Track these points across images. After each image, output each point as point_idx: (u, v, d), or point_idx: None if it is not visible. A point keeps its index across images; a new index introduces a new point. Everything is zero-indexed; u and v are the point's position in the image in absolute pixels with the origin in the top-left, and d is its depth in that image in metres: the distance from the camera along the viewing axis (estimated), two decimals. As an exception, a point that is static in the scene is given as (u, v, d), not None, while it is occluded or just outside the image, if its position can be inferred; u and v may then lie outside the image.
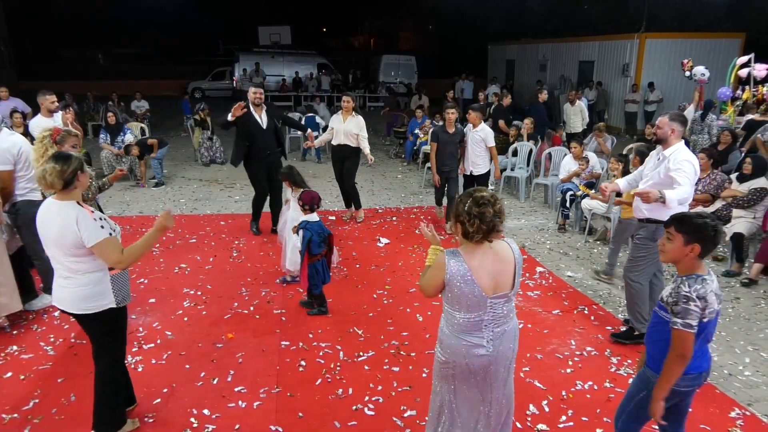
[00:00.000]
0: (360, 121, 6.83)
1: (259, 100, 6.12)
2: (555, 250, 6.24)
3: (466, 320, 2.37)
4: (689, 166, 3.72)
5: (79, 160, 2.72)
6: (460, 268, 2.30)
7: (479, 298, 2.32)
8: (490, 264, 2.33)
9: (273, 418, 3.26)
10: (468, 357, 2.38)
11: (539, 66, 19.45)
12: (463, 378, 2.44)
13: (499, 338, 2.41)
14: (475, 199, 2.29)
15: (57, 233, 2.64)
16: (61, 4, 31.42)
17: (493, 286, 2.33)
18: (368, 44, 44.26)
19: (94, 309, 2.78)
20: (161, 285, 5.12)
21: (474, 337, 2.38)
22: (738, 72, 8.64)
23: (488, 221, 2.26)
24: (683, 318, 2.24)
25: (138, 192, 8.59)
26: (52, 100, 5.77)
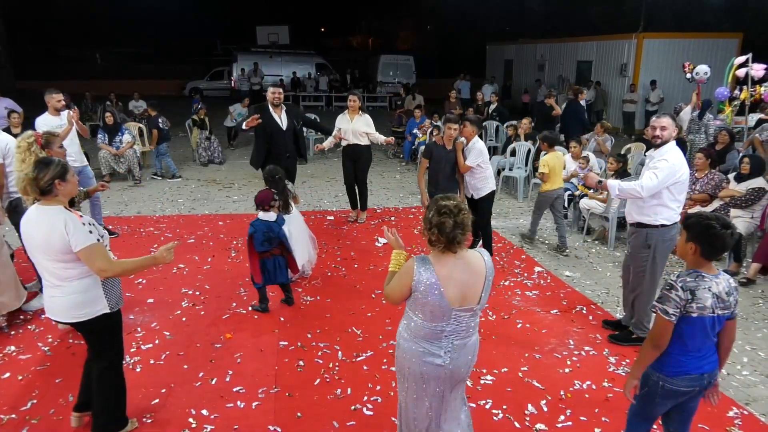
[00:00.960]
0: (368, 119, 6.79)
1: (278, 101, 5.94)
2: (553, 250, 6.24)
3: (426, 327, 2.32)
4: (664, 164, 3.65)
5: (60, 168, 2.66)
6: (429, 277, 2.24)
7: (444, 309, 2.26)
8: (459, 275, 2.27)
9: (272, 418, 3.25)
10: (423, 365, 2.35)
11: (537, 66, 19.48)
12: (415, 382, 2.42)
13: (457, 351, 2.35)
14: (437, 208, 2.24)
15: (44, 239, 2.59)
16: (59, 4, 31.36)
17: (459, 297, 2.27)
18: (367, 44, 44.25)
19: (88, 316, 2.74)
20: (159, 285, 5.12)
21: (432, 345, 2.33)
22: (736, 72, 8.64)
23: (448, 233, 2.20)
24: (662, 303, 2.32)
25: (136, 192, 8.57)
26: (58, 98, 5.77)
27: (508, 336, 4.26)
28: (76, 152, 5.93)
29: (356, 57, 32.06)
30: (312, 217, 7.36)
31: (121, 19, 33.69)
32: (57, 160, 2.73)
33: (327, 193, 8.68)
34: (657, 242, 3.86)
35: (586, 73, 16.73)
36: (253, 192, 8.39)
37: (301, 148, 6.32)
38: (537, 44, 19.75)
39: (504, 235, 6.75)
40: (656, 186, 3.67)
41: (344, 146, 6.86)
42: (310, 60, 24.23)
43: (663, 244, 3.89)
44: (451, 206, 2.23)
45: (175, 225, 6.89)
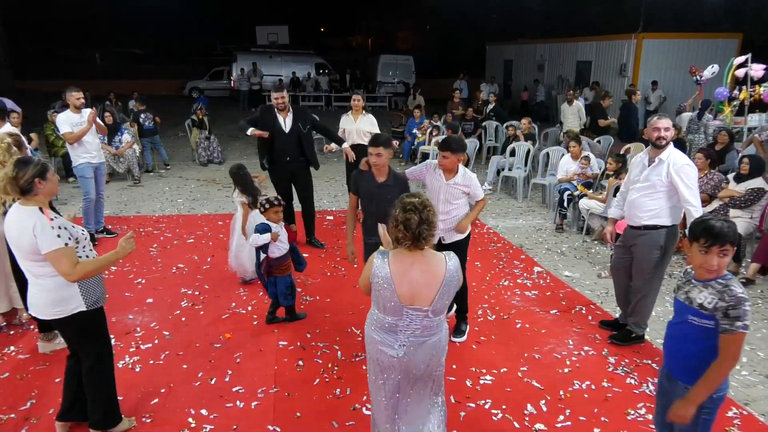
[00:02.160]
0: (372, 119, 6.74)
1: (282, 105, 5.72)
2: (553, 250, 6.25)
3: (382, 319, 2.40)
4: (693, 171, 3.71)
5: (40, 167, 2.67)
6: (383, 270, 2.30)
7: (395, 304, 2.31)
8: (415, 274, 2.29)
9: (271, 418, 3.25)
10: (378, 352, 2.43)
11: (537, 66, 19.49)
12: (374, 368, 2.50)
13: (413, 347, 2.37)
14: (402, 205, 2.28)
15: (16, 238, 2.64)
16: (59, 4, 31.33)
17: (410, 296, 2.29)
18: (366, 44, 44.25)
19: (63, 314, 2.74)
20: (159, 285, 5.11)
21: (388, 336, 2.40)
22: (735, 72, 8.65)
23: (413, 228, 2.23)
24: (743, 320, 2.13)
25: (135, 192, 8.57)
26: (78, 96, 5.84)
27: (507, 336, 4.26)
28: (96, 149, 6.05)
29: (356, 57, 32.04)
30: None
31: (121, 19, 33.64)
32: (36, 159, 2.75)
33: (327, 193, 8.68)
34: (668, 241, 3.88)
35: (585, 74, 16.73)
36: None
37: (308, 152, 5.95)
38: (537, 44, 19.76)
39: (504, 235, 6.75)
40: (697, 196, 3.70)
41: (347, 146, 6.81)
42: (309, 60, 24.22)
43: (672, 242, 3.93)
44: (416, 203, 2.28)
45: (174, 225, 6.88)
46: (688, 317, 2.27)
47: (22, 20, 28.49)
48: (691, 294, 2.28)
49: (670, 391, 2.35)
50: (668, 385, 2.39)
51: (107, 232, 6.37)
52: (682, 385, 2.29)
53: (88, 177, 5.97)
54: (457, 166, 3.80)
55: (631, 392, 3.55)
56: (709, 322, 2.18)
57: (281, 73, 22.76)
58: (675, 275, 5.52)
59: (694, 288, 2.29)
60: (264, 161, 5.97)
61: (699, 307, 2.23)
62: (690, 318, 2.26)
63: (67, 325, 2.81)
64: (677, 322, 2.36)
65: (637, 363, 3.89)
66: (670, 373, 2.38)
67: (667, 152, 3.76)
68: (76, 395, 2.98)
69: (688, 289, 2.31)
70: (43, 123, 9.27)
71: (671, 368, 2.38)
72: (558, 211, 6.99)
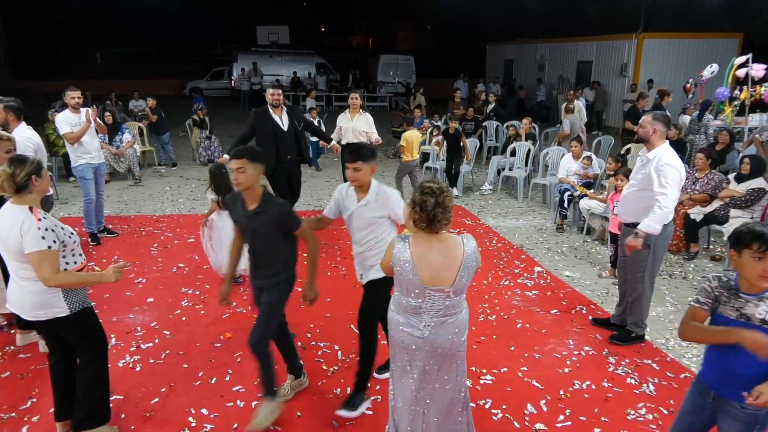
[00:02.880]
0: (369, 118, 6.78)
1: (277, 102, 5.75)
2: (553, 250, 6.25)
3: (406, 302, 2.46)
4: (673, 172, 3.67)
5: (35, 164, 2.67)
6: (404, 253, 2.39)
7: (417, 286, 2.39)
8: (435, 256, 2.38)
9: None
10: (402, 333, 2.50)
11: (537, 66, 19.48)
12: (400, 351, 2.56)
13: (437, 327, 2.46)
14: (421, 188, 2.37)
15: (5, 236, 2.62)
16: (59, 4, 31.34)
17: (431, 277, 2.38)
18: (366, 44, 44.27)
19: (45, 316, 2.72)
20: (159, 284, 5.11)
21: (412, 318, 2.47)
22: (736, 72, 8.65)
23: (429, 210, 2.31)
24: None
25: (136, 191, 8.57)
26: (72, 95, 5.83)
27: (507, 336, 4.26)
28: (96, 149, 6.03)
29: (356, 57, 32.06)
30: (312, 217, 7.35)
31: (121, 19, 33.67)
32: (30, 156, 2.74)
33: (327, 193, 8.68)
34: (656, 241, 3.86)
35: (586, 73, 16.73)
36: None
37: (303, 150, 6.04)
38: (537, 44, 19.76)
39: (504, 235, 6.75)
40: (674, 196, 3.69)
41: (344, 145, 6.83)
42: (310, 60, 24.23)
43: (662, 241, 3.90)
44: (434, 187, 2.36)
45: (175, 224, 6.89)
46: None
47: (22, 20, 28.49)
48: (746, 310, 2.10)
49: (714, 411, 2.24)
50: (711, 404, 2.26)
51: (108, 231, 6.38)
52: (737, 405, 2.16)
53: (88, 178, 5.97)
54: (369, 181, 3.17)
55: (632, 392, 3.55)
56: None
57: (281, 73, 22.77)
58: (675, 275, 5.52)
59: (748, 303, 2.11)
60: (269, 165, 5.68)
61: (762, 322, 2.06)
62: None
63: (50, 327, 2.79)
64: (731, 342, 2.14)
65: (637, 363, 3.89)
66: (720, 394, 2.23)
67: (656, 151, 3.79)
68: (65, 393, 2.95)
69: (739, 306, 2.12)
70: (43, 123, 9.28)
71: (723, 390, 2.22)
72: (558, 211, 6.99)
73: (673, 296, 5.03)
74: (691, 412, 2.38)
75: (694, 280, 5.42)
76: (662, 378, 3.71)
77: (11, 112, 4.75)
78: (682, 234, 6.03)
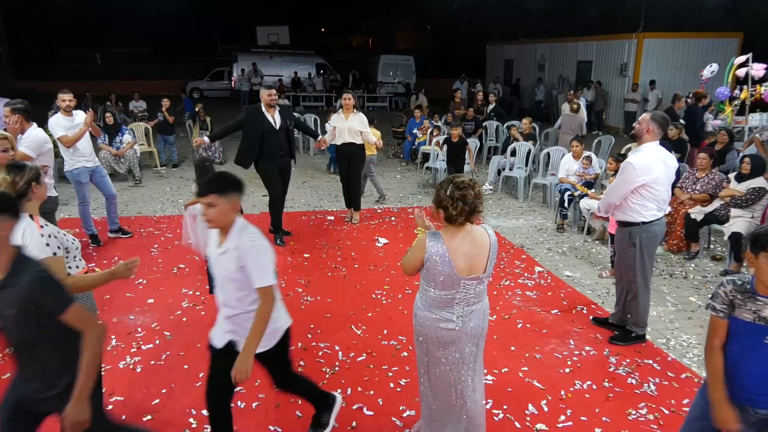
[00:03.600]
0: (362, 118, 6.84)
1: (273, 102, 6.00)
2: (553, 250, 6.25)
3: (439, 296, 2.55)
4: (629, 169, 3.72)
5: (34, 171, 2.62)
6: (439, 249, 2.47)
7: (453, 278, 2.49)
8: (467, 247, 2.51)
9: (272, 418, 3.25)
10: (437, 330, 2.59)
11: (537, 66, 19.48)
12: (433, 347, 2.64)
13: (468, 315, 2.59)
14: (456, 184, 2.46)
15: None
16: (59, 4, 31.35)
17: (467, 267, 2.51)
18: (366, 44, 44.27)
19: None
20: (160, 285, 5.12)
21: (445, 312, 2.57)
22: (736, 72, 8.64)
23: (470, 203, 2.44)
24: None
25: (136, 192, 8.58)
26: (63, 98, 5.77)
27: (508, 336, 4.26)
28: (90, 153, 5.98)
29: (356, 57, 32.06)
30: (312, 217, 7.37)
31: (121, 19, 33.67)
32: (29, 163, 2.68)
33: (327, 193, 8.68)
34: (641, 239, 3.89)
35: (586, 73, 16.72)
36: (254, 192, 8.44)
37: (292, 148, 6.31)
38: (537, 44, 19.75)
39: (505, 235, 6.75)
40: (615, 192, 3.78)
41: (338, 145, 6.87)
42: (310, 60, 24.24)
43: (648, 240, 3.92)
44: (467, 181, 2.49)
45: (175, 225, 6.88)
46: (765, 338, 2.08)
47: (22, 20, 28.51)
48: (764, 313, 2.08)
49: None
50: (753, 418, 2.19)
51: (123, 232, 6.38)
52: (750, 410, 2.14)
53: (83, 182, 5.94)
54: (230, 222, 2.48)
55: (633, 392, 3.55)
56: None
57: (282, 74, 22.78)
58: (676, 275, 5.52)
59: (766, 306, 2.09)
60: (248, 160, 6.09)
61: None
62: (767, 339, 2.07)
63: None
64: (746, 345, 2.13)
65: (638, 363, 3.89)
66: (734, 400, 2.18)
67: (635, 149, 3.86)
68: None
69: (757, 309, 2.10)
70: (43, 123, 9.27)
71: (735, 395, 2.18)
72: (559, 211, 6.99)
73: (674, 296, 5.03)
74: (700, 418, 2.34)
75: (695, 280, 5.42)
76: (663, 378, 3.71)
77: (21, 114, 4.75)
78: (682, 234, 6.03)
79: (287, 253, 5.95)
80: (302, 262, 5.74)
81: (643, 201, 3.81)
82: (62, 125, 5.71)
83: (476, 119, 11.41)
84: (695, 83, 11.05)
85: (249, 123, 5.97)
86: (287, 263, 5.68)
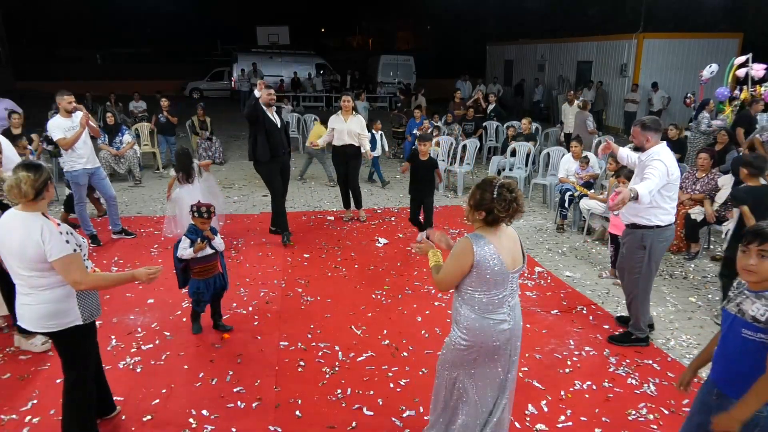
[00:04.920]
0: (361, 120, 6.87)
1: (273, 101, 6.05)
2: (553, 250, 6.25)
3: (491, 299, 2.53)
4: (660, 166, 3.68)
5: (48, 171, 2.64)
6: (489, 249, 2.48)
7: (504, 275, 2.51)
8: (506, 242, 2.57)
9: (272, 419, 3.25)
10: (495, 334, 2.55)
11: (537, 66, 19.48)
12: (486, 358, 2.60)
13: (513, 310, 2.62)
14: (505, 186, 2.49)
15: (18, 245, 2.51)
16: (59, 4, 31.35)
17: (512, 261, 2.55)
18: (366, 44, 44.28)
19: (58, 327, 2.65)
20: (160, 285, 5.10)
21: (498, 314, 2.56)
22: (736, 72, 8.65)
23: (521, 204, 2.52)
24: None
25: (137, 192, 8.57)
26: (69, 100, 5.70)
27: (508, 336, 4.26)
28: (89, 154, 5.92)
29: (356, 57, 32.07)
30: (312, 217, 7.37)
31: (121, 19, 33.68)
32: (44, 164, 2.69)
33: (327, 194, 8.68)
34: (653, 243, 3.86)
35: (586, 74, 16.72)
36: (254, 192, 8.45)
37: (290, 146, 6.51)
38: (537, 44, 19.75)
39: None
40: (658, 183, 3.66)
41: (336, 146, 6.87)
42: (310, 60, 24.25)
43: (659, 244, 3.90)
44: (509, 183, 2.51)
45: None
46: (741, 331, 2.13)
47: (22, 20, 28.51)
48: (744, 306, 2.14)
49: (718, 409, 2.23)
50: (716, 401, 2.26)
51: (126, 233, 6.38)
52: (735, 402, 2.15)
53: (81, 184, 5.91)
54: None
55: (633, 392, 3.55)
56: (765, 336, 2.05)
57: (282, 74, 22.78)
58: (676, 275, 5.52)
59: (747, 299, 2.14)
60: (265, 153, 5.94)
61: (752, 320, 2.08)
62: (743, 332, 2.11)
63: (60, 338, 2.71)
64: (729, 336, 2.20)
65: (638, 363, 3.89)
66: (721, 390, 2.24)
67: (650, 150, 3.81)
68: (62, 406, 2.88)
69: (740, 301, 2.17)
70: (44, 124, 9.28)
71: (722, 385, 2.24)
72: (559, 211, 6.99)
73: (674, 296, 5.03)
74: (700, 412, 2.39)
75: (695, 280, 5.42)
76: (663, 378, 3.71)
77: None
78: (682, 234, 6.03)
79: (287, 253, 5.96)
80: (302, 262, 5.74)
81: (660, 202, 3.77)
82: (61, 127, 5.66)
83: (476, 119, 11.40)
84: (695, 83, 11.05)
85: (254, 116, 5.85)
86: (287, 263, 5.68)
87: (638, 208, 3.82)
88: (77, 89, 6.26)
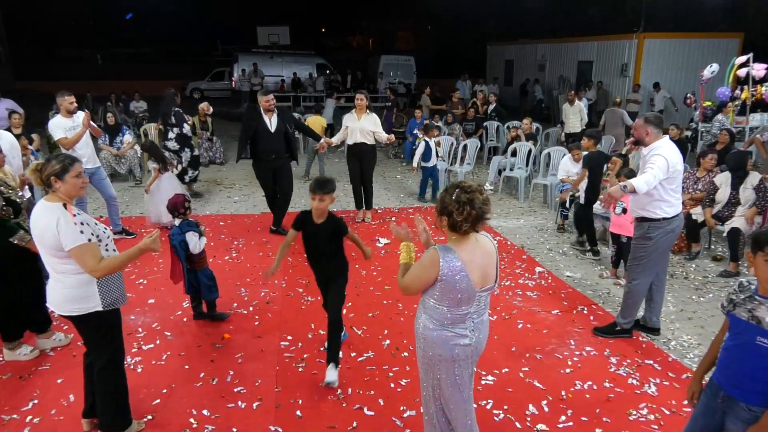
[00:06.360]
0: (375, 119, 6.92)
1: (271, 107, 6.17)
2: (554, 250, 6.24)
3: (452, 314, 2.41)
4: (661, 160, 3.73)
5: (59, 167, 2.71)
6: (455, 264, 2.32)
7: (470, 292, 2.36)
8: (479, 258, 2.38)
9: (272, 419, 3.25)
10: (454, 348, 2.44)
11: (538, 66, 19.47)
12: (449, 368, 2.48)
13: (478, 328, 2.48)
14: (462, 188, 2.34)
15: (40, 233, 2.68)
16: (59, 4, 31.37)
17: (481, 279, 2.38)
18: (367, 44, 44.29)
19: (79, 311, 2.76)
20: (160, 285, 5.12)
21: (459, 328, 2.43)
22: (736, 72, 8.65)
23: (478, 207, 2.30)
24: None
25: (137, 192, 8.57)
26: (71, 100, 5.71)
27: (508, 336, 4.26)
28: (90, 154, 5.92)
29: (356, 57, 32.08)
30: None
31: (121, 19, 33.71)
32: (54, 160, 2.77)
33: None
34: (659, 234, 3.93)
35: (587, 74, 16.72)
36: (255, 192, 8.44)
37: (293, 150, 6.52)
38: (537, 44, 19.75)
39: (505, 235, 6.75)
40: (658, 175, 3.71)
41: (350, 145, 6.90)
42: (310, 60, 24.24)
43: (665, 236, 3.96)
44: (474, 185, 2.36)
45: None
46: (756, 338, 2.09)
47: (22, 20, 28.52)
48: (758, 313, 2.10)
49: (724, 412, 2.23)
50: (722, 405, 2.25)
51: (126, 233, 6.38)
52: (744, 406, 2.16)
53: None
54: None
55: (633, 392, 3.55)
56: None
57: (282, 74, 22.77)
58: (677, 275, 5.52)
59: (761, 306, 2.10)
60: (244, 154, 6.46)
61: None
62: (758, 339, 2.08)
63: (83, 323, 2.83)
64: (740, 343, 2.17)
65: (639, 363, 3.89)
66: (727, 393, 2.22)
67: (652, 145, 3.86)
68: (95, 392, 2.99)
69: (752, 307, 2.12)
70: (44, 124, 9.29)
71: (729, 388, 2.22)
72: (559, 211, 6.99)
73: (675, 297, 5.03)
74: (704, 414, 2.37)
75: (695, 280, 5.42)
76: (664, 378, 3.71)
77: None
78: (683, 234, 6.02)
79: (287, 253, 5.94)
80: (302, 262, 5.73)
81: (664, 195, 3.83)
82: (62, 127, 5.66)
83: (476, 119, 11.39)
84: (696, 83, 11.04)
85: (246, 120, 6.23)
86: (287, 263, 5.68)
87: (644, 202, 3.90)
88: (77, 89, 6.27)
